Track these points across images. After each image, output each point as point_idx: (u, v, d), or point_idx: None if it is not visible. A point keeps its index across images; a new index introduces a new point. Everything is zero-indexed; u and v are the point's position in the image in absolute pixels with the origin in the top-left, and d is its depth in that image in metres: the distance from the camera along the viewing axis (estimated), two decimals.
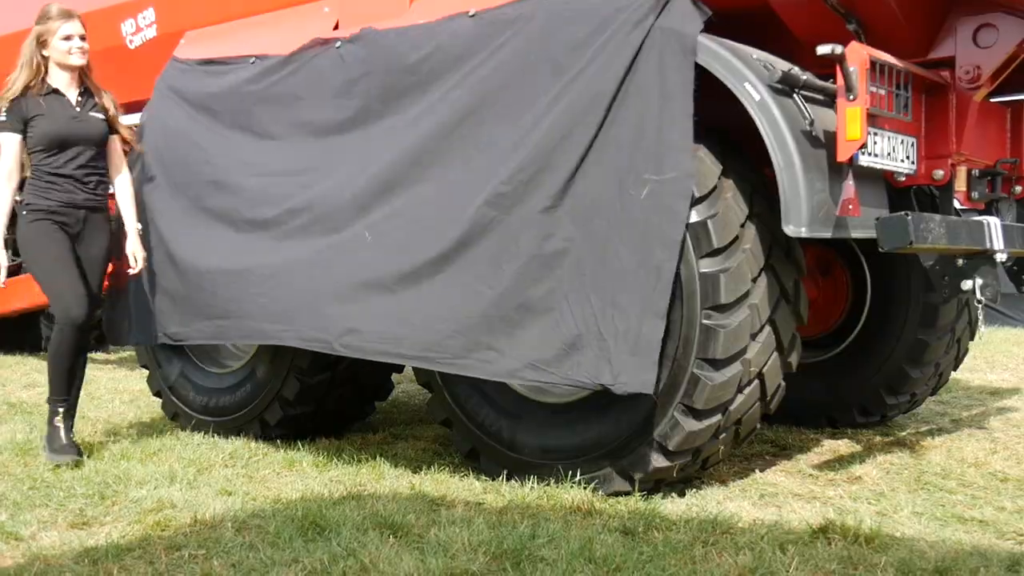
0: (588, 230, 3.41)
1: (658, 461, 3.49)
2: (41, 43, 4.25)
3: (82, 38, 4.29)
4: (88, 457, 4.24)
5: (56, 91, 4.28)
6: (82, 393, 6.20)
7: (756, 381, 3.54)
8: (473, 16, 3.82)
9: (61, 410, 4.27)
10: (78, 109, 4.29)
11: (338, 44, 4.20)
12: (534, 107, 3.55)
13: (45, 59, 4.25)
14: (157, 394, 5.18)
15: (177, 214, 4.53)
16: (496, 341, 3.54)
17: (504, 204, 3.54)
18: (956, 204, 3.94)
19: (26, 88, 4.22)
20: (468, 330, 3.59)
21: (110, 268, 4.57)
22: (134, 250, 4.39)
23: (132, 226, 4.41)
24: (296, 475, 4.00)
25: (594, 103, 3.42)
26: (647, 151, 3.33)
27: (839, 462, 4.20)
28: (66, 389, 4.30)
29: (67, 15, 4.27)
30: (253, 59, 4.51)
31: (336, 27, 4.41)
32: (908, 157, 3.69)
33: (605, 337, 3.36)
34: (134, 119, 5.50)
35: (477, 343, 3.58)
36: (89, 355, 8.52)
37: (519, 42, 3.66)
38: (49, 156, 4.21)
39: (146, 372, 5.24)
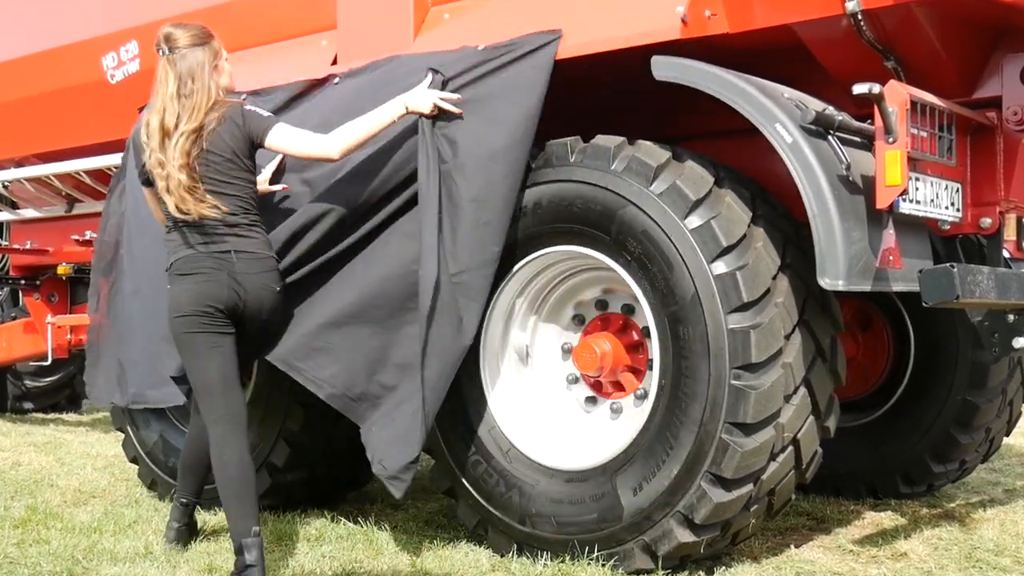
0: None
1: (684, 535, 3.46)
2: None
3: None
4: (55, 530, 4.21)
5: None
6: (51, 458, 6.25)
7: (790, 447, 3.52)
8: (482, 50, 3.86)
9: None
10: None
11: (336, 80, 4.25)
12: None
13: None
14: (133, 460, 5.17)
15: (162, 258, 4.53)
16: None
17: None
18: (1005, 255, 3.94)
19: None
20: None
21: (88, 320, 4.49)
22: None
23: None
24: (285, 551, 3.97)
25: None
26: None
27: (882, 536, 4.17)
28: None
29: None
30: (244, 95, 4.55)
31: (335, 61, 4.46)
32: (953, 204, 3.70)
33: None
34: (114, 159, 5.56)
35: None
36: (60, 416, 8.66)
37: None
38: None
39: (121, 436, 5.23)
